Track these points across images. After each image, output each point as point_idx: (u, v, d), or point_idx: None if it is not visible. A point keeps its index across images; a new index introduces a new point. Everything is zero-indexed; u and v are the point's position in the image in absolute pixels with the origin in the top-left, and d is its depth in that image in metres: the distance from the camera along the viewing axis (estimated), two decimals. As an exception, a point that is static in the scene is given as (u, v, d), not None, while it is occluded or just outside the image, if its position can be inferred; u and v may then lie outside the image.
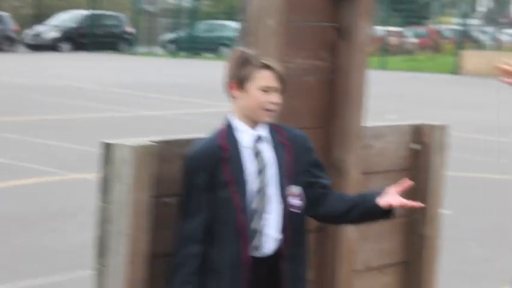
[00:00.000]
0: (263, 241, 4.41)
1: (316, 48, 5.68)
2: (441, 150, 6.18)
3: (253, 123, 4.46)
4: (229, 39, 50.79)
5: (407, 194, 5.97)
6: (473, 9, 61.13)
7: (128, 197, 4.87)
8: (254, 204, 4.38)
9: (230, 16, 54.77)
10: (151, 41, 53.04)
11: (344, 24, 5.76)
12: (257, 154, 4.43)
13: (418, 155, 6.13)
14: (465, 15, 53.75)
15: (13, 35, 48.73)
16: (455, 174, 11.50)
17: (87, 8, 52.24)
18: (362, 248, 5.75)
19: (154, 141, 5.01)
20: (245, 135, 4.44)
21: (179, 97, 28.08)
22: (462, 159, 16.01)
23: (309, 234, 4.84)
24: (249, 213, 4.37)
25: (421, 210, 6.02)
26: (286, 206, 4.43)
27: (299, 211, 4.46)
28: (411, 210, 5.86)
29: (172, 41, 52.54)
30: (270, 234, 4.41)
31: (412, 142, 6.16)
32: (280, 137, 4.52)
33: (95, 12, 51.89)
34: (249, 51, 4.59)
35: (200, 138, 4.63)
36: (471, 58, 45.91)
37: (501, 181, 16.03)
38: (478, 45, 54.81)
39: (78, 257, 10.31)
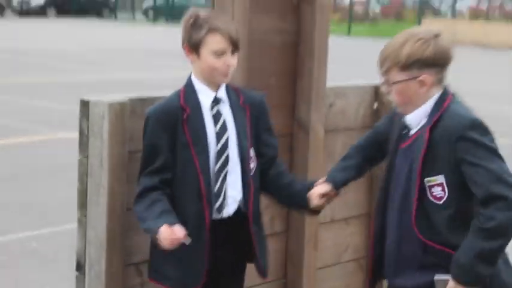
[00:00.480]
0: (225, 203, 4.25)
1: (280, 11, 5.61)
2: None
3: (213, 84, 4.27)
4: (204, 6, 50.87)
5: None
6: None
7: (105, 151, 4.85)
8: (216, 167, 4.20)
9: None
10: (132, 7, 52.91)
11: None
12: (216, 116, 4.23)
13: (378, 113, 6.09)
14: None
15: (2, 1, 48.51)
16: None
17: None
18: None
19: (129, 98, 4.98)
20: (204, 97, 4.25)
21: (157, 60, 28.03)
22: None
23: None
24: (211, 175, 4.19)
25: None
26: (246, 167, 4.27)
27: (252, 173, 4.31)
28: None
29: (150, 9, 52.45)
30: (232, 196, 4.26)
31: (373, 101, 6.14)
32: (239, 99, 4.31)
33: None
34: (201, 13, 4.25)
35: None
36: (431, 25, 45.96)
37: None
38: (436, 13, 54.89)
39: (67, 211, 10.31)
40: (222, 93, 4.27)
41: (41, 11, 49.33)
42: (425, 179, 3.83)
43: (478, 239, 3.88)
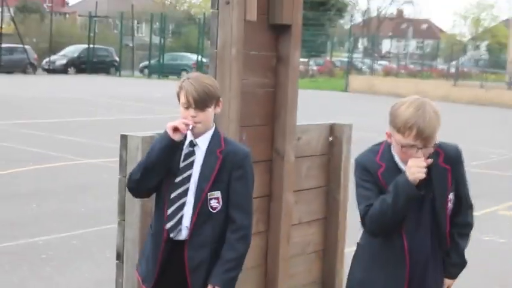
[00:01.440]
0: (179, 227, 3.93)
1: (263, 69, 5.66)
2: (348, 141, 6.25)
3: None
4: (188, 66, 50.61)
5: (326, 170, 6.15)
6: (356, 47, 61.29)
7: None
8: (173, 194, 3.91)
9: (187, 49, 54.53)
10: (132, 67, 52.69)
11: (282, 53, 5.73)
12: (187, 155, 3.93)
13: (333, 144, 6.19)
14: (350, 51, 54.19)
15: (34, 62, 48.15)
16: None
17: (87, 43, 51.62)
18: (296, 209, 5.85)
19: (156, 133, 4.97)
20: (187, 141, 3.96)
21: (155, 105, 27.84)
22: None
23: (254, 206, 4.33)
24: (169, 200, 3.93)
25: (336, 181, 6.17)
26: (199, 204, 3.89)
27: (214, 211, 3.91)
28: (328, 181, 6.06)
29: (146, 67, 52.16)
30: (184, 224, 3.92)
31: (329, 135, 6.22)
32: (218, 148, 3.94)
33: (92, 46, 51.34)
34: (193, 73, 4.13)
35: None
36: (355, 80, 46.30)
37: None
38: (359, 71, 55.24)
39: (93, 218, 10.38)
40: (202, 140, 3.96)
41: (63, 69, 49.09)
42: (449, 197, 4.12)
43: (464, 242, 4.14)
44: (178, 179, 3.88)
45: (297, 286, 6.01)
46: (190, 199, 3.89)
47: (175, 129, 3.81)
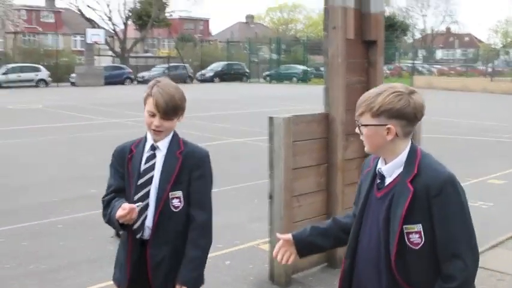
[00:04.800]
0: (142, 228, 2.96)
1: (359, 71, 5.79)
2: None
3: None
4: (297, 74, 50.59)
5: None
6: (416, 55, 59.74)
7: (281, 141, 5.07)
8: (136, 197, 2.96)
9: (295, 62, 54.43)
10: (257, 76, 52.84)
11: (371, 60, 5.85)
12: (149, 158, 2.99)
13: None
14: (412, 58, 52.99)
15: (191, 75, 48.91)
16: None
17: (226, 60, 52.24)
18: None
19: (292, 115, 5.23)
20: (148, 144, 3.01)
21: (275, 101, 27.72)
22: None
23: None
24: (132, 203, 2.89)
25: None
26: (161, 203, 2.94)
27: (176, 210, 2.94)
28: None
29: (268, 75, 52.15)
30: (147, 224, 2.95)
31: None
32: (177, 150, 2.99)
33: (229, 62, 51.80)
34: (160, 80, 2.99)
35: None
36: (418, 79, 45.06)
37: None
38: (420, 73, 53.83)
39: (246, 176, 10.33)
40: (162, 143, 2.99)
41: (211, 79, 49.50)
42: (404, 226, 2.29)
43: None
44: (140, 181, 2.98)
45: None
46: (152, 200, 2.97)
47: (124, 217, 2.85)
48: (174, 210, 2.94)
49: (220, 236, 6.84)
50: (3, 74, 39.76)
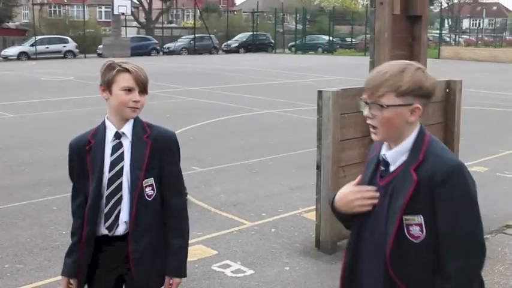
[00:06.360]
0: (117, 223, 2.74)
1: (404, 46, 5.92)
2: (459, 92, 6.36)
3: (122, 120, 2.77)
4: (322, 44, 50.36)
5: (445, 111, 6.27)
6: (443, 25, 58.93)
7: (330, 113, 5.24)
8: (108, 192, 2.73)
9: (319, 32, 54.08)
10: (283, 46, 52.59)
11: (415, 34, 5.98)
12: (115, 147, 2.74)
13: (449, 94, 6.32)
14: (439, 29, 52.32)
15: (216, 46, 48.76)
16: None
17: (251, 31, 52.01)
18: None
19: (340, 89, 5.38)
20: (110, 132, 2.76)
21: (302, 72, 27.64)
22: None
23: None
24: (103, 199, 2.74)
25: (451, 119, 6.29)
26: (137, 194, 2.72)
27: (150, 199, 2.75)
28: (446, 119, 6.17)
29: (293, 46, 51.93)
30: (122, 218, 2.74)
31: (446, 88, 6.33)
32: (144, 134, 2.77)
33: (254, 32, 51.50)
34: (115, 59, 2.79)
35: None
36: (445, 50, 44.58)
37: None
38: (447, 43, 53.24)
39: (280, 147, 10.39)
40: (126, 128, 2.76)
41: (236, 50, 49.37)
42: (404, 217, 2.03)
43: None
44: (111, 174, 2.73)
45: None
46: (125, 192, 2.74)
47: None
48: (148, 199, 2.75)
49: (264, 205, 7.15)
50: (31, 45, 40.19)
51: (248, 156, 9.82)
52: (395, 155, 2.10)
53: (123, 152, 2.74)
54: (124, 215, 2.73)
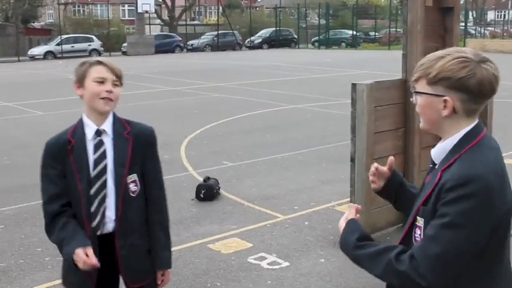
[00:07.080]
0: (104, 221, 2.74)
1: (436, 37, 5.90)
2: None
3: (100, 118, 2.74)
4: (345, 39, 50.14)
5: None
6: (467, 17, 58.29)
7: (364, 106, 5.27)
8: (92, 190, 2.69)
9: (343, 27, 53.81)
10: (306, 41, 52.45)
11: (447, 26, 5.97)
12: (97, 145, 2.72)
13: None
14: (464, 21, 51.80)
15: (240, 42, 48.86)
16: None
17: (274, 27, 51.88)
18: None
19: (374, 81, 5.42)
20: (89, 130, 2.73)
21: (326, 67, 27.60)
22: None
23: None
24: (89, 198, 2.69)
25: None
26: (122, 191, 2.72)
27: (134, 195, 2.75)
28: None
29: (316, 41, 51.74)
30: (108, 216, 2.74)
31: None
32: (124, 131, 2.77)
33: (278, 28, 51.33)
34: (89, 59, 2.82)
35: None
36: (470, 42, 44.07)
37: None
38: (472, 35, 52.68)
39: (310, 140, 10.42)
40: (106, 126, 2.75)
41: (259, 46, 49.31)
42: (418, 217, 1.91)
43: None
44: (94, 173, 2.71)
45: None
46: (110, 190, 2.73)
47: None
48: (132, 195, 2.76)
49: (296, 199, 7.20)
50: (57, 44, 40.65)
51: (277, 150, 9.87)
52: (438, 152, 1.94)
53: (105, 150, 2.73)
54: (110, 213, 2.74)
